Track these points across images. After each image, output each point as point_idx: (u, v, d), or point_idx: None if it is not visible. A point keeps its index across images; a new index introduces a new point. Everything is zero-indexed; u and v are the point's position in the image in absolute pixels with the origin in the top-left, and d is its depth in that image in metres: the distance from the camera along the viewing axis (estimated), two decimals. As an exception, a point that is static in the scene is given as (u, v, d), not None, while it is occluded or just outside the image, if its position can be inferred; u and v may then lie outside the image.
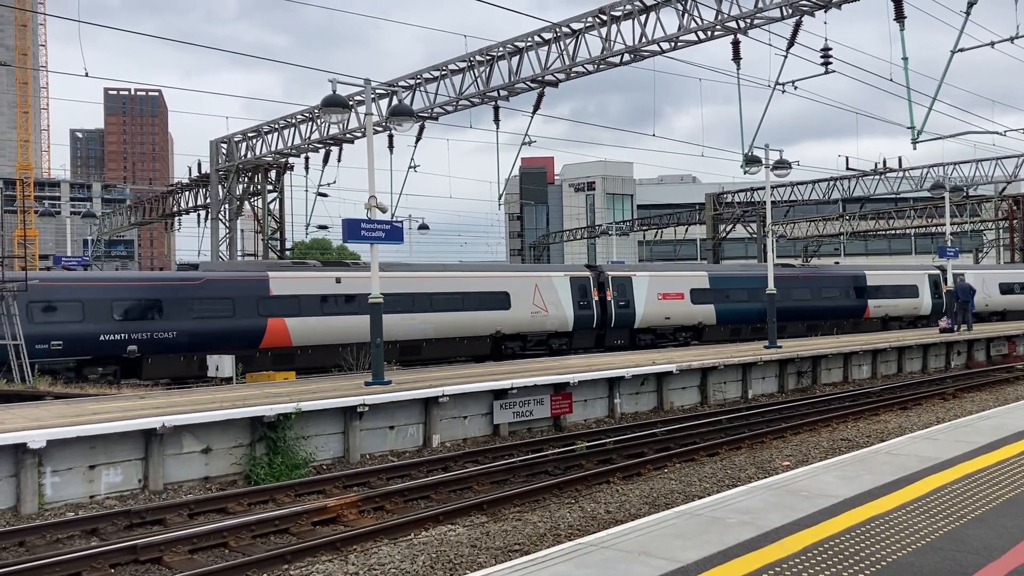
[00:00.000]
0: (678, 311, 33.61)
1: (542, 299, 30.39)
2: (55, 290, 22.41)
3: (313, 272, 26.79)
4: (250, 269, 27.43)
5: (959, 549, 5.72)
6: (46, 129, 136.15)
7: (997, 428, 10.79)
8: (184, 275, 25.31)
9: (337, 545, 9.39)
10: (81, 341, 22.07)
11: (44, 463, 11.37)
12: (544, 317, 30.38)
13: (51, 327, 21.80)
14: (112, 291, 23.15)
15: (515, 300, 29.77)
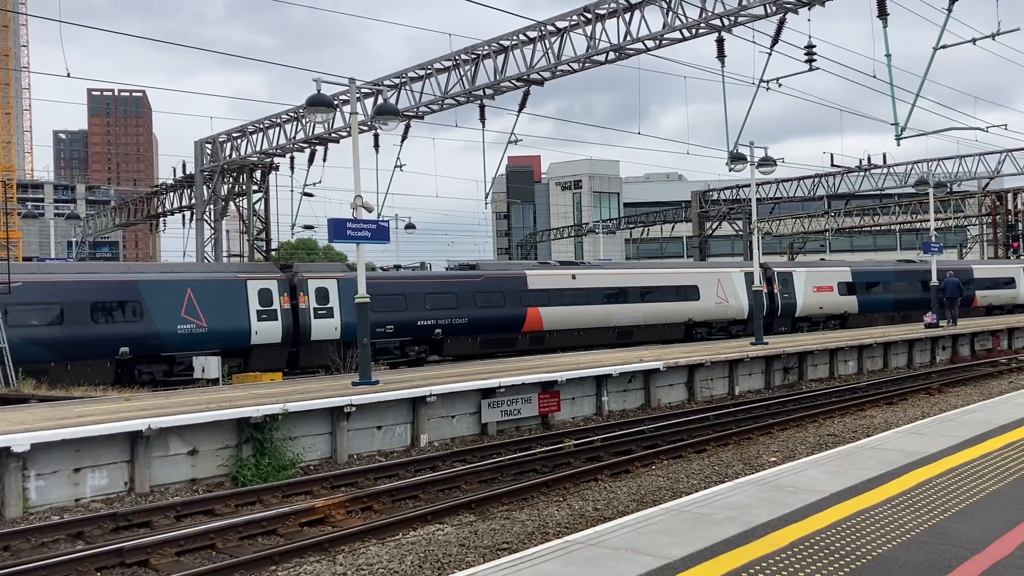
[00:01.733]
0: (829, 301, 38.60)
1: (724, 291, 35.25)
2: (385, 285, 27.27)
3: (557, 270, 32.47)
4: (513, 268, 32.38)
5: (944, 542, 5.76)
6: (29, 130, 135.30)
7: (981, 422, 10.87)
8: (470, 273, 30.49)
9: (325, 546, 9.37)
10: (406, 326, 27.44)
11: (28, 466, 11.29)
12: (725, 307, 35.17)
13: (384, 315, 26.51)
14: (425, 286, 28.46)
15: (703, 292, 34.64)
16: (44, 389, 19.58)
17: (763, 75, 22.87)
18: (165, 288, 23.64)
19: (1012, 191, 53.96)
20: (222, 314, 24.17)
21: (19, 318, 21.23)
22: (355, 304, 17.90)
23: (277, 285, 25.44)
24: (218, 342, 23.90)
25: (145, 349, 23.11)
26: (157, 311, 23.23)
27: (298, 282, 25.89)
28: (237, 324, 24.45)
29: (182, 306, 23.55)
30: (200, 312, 23.81)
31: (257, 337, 24.73)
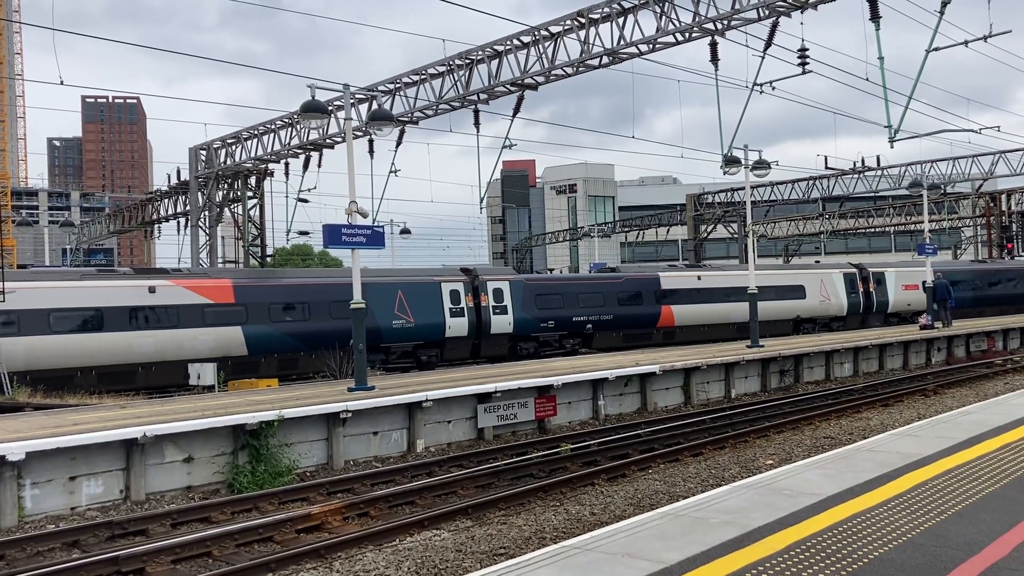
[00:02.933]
0: (915, 299, 40.93)
1: (826, 291, 38.60)
2: (548, 287, 31.73)
3: (685, 272, 35.83)
4: (647, 271, 35.73)
5: (940, 544, 5.76)
6: (23, 138, 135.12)
7: (977, 424, 10.88)
8: (613, 275, 34.42)
9: (321, 552, 9.35)
10: (564, 322, 31.11)
11: (23, 475, 11.26)
12: (827, 304, 38.62)
13: (546, 312, 30.61)
14: (578, 288, 32.20)
15: (809, 292, 37.95)
16: (39, 398, 19.53)
17: (756, 78, 23.00)
18: (383, 290, 27.30)
19: (1006, 192, 54.08)
20: (424, 311, 28.04)
21: (278, 315, 25.41)
22: (352, 309, 17.86)
23: (463, 286, 29.07)
24: (421, 335, 27.85)
25: (369, 341, 24.63)
26: (378, 309, 26.60)
27: (479, 284, 29.50)
28: (435, 320, 28.22)
29: (395, 305, 27.41)
30: (408, 310, 27.71)
31: (450, 331, 28.46)
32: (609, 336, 32.23)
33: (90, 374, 22.25)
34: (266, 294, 25.41)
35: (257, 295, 25.23)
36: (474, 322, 28.89)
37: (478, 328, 28.99)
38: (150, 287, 23.60)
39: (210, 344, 24.02)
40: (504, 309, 29.69)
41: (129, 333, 22.93)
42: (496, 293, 29.70)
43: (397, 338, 27.31)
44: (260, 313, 24.98)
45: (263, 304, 25.12)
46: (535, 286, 31.08)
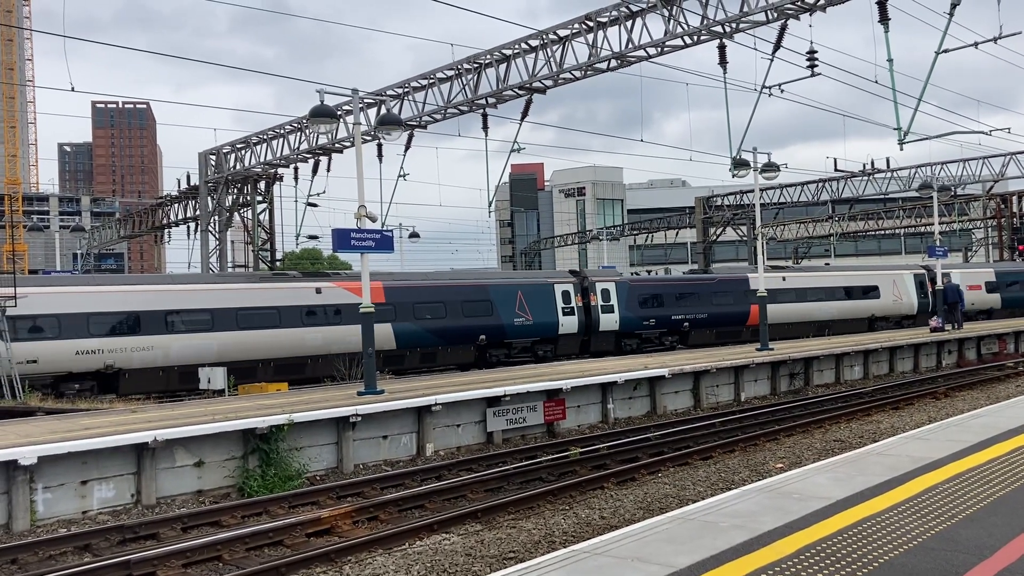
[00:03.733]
0: (979, 299, 43.43)
1: (898, 290, 40.78)
2: (652, 288, 34.18)
3: (770, 273, 36.47)
4: (737, 272, 38.31)
5: (951, 549, 5.74)
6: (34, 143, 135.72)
7: (987, 427, 10.84)
8: (707, 276, 36.76)
9: (331, 556, 9.37)
10: (664, 320, 33.32)
11: (36, 479, 11.32)
12: (899, 304, 40.80)
13: (648, 311, 33.06)
14: (676, 288, 34.42)
15: (883, 291, 40.12)
16: (50, 402, 19.63)
17: (765, 81, 22.91)
18: (505, 291, 30.11)
19: (1017, 194, 53.81)
20: (540, 310, 30.51)
21: (420, 313, 28.02)
22: (361, 314, 17.90)
23: (573, 287, 31.61)
24: (538, 332, 30.42)
25: (494, 337, 29.44)
26: (502, 309, 29.67)
27: (588, 285, 31.95)
28: (550, 318, 30.75)
29: (516, 305, 29.98)
30: (527, 309, 30.23)
31: (563, 328, 30.96)
32: (703, 333, 34.21)
33: (269, 366, 24.97)
34: (410, 295, 28.05)
35: (403, 295, 27.81)
36: (584, 320, 31.39)
37: (587, 326, 31.47)
38: (317, 288, 26.64)
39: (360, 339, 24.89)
40: (611, 308, 32.18)
41: (301, 329, 25.72)
42: (604, 293, 32.18)
43: (518, 335, 29.95)
44: (406, 312, 27.63)
45: (408, 304, 27.81)
46: (638, 287, 33.75)
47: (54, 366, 21.90)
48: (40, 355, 21.60)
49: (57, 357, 21.88)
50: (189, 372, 23.01)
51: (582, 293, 31.68)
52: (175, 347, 23.45)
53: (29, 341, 21.48)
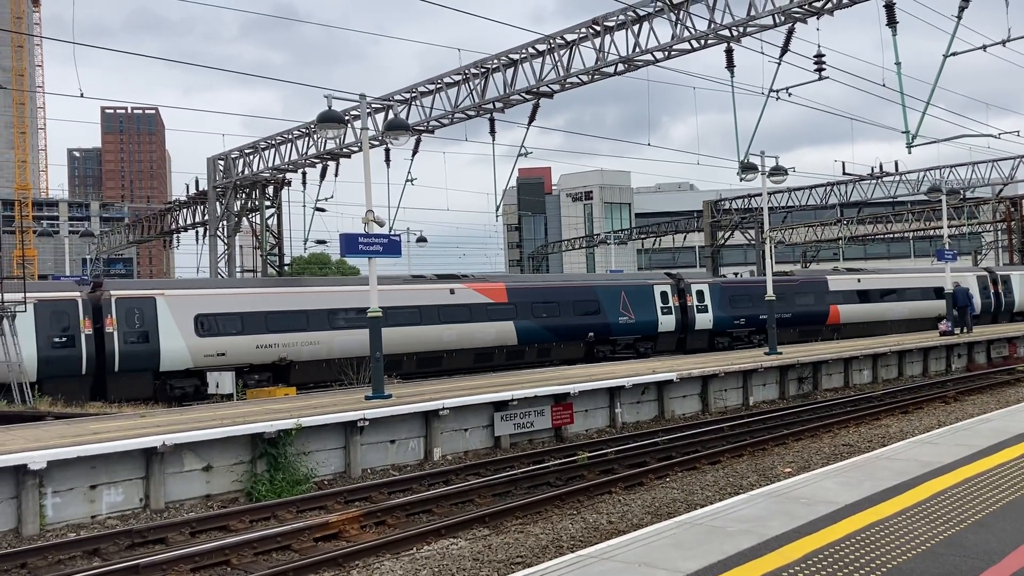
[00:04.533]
0: None
1: None
2: (741, 289, 36.38)
3: (847, 275, 39.80)
4: (816, 274, 40.54)
5: (959, 554, 5.72)
6: (43, 149, 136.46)
7: (997, 431, 10.80)
8: (789, 278, 37.81)
9: (339, 561, 9.38)
10: (752, 319, 35.10)
11: (45, 484, 11.36)
12: None
13: (738, 311, 35.38)
14: (760, 289, 33.10)
15: None
16: (59, 407, 19.70)
17: (772, 84, 22.89)
18: (611, 292, 32.44)
19: (1026, 197, 53.65)
20: (642, 310, 32.83)
21: (538, 312, 30.44)
22: (369, 318, 17.91)
23: (670, 288, 33.83)
24: (639, 330, 32.62)
25: (601, 334, 31.86)
26: (608, 308, 32.01)
27: (684, 286, 34.18)
28: (650, 317, 33.09)
29: (620, 304, 32.26)
30: (630, 308, 32.47)
31: (661, 327, 33.28)
32: (788, 332, 35.28)
33: (412, 359, 27.44)
34: (529, 295, 30.60)
35: (523, 296, 30.37)
36: (680, 319, 33.79)
37: (684, 324, 33.89)
38: (451, 289, 28.96)
39: (492, 335, 29.21)
40: (705, 308, 34.55)
41: (439, 327, 28.12)
42: (698, 294, 34.48)
43: (622, 332, 32.30)
44: (525, 311, 30.10)
45: (527, 303, 30.32)
46: (729, 288, 36.05)
47: (239, 358, 24.48)
48: (228, 349, 24.36)
49: (241, 351, 24.53)
50: (346, 364, 25.69)
51: (679, 294, 34.07)
52: (336, 342, 26.09)
53: (219, 336, 24.28)
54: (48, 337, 22.16)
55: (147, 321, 23.29)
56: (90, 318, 22.73)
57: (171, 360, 23.30)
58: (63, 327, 22.41)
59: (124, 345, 22.93)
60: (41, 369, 21.90)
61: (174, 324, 23.49)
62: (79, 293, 23.11)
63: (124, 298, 23.27)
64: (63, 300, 22.73)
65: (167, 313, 23.48)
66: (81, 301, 22.81)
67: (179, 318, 23.66)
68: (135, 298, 23.48)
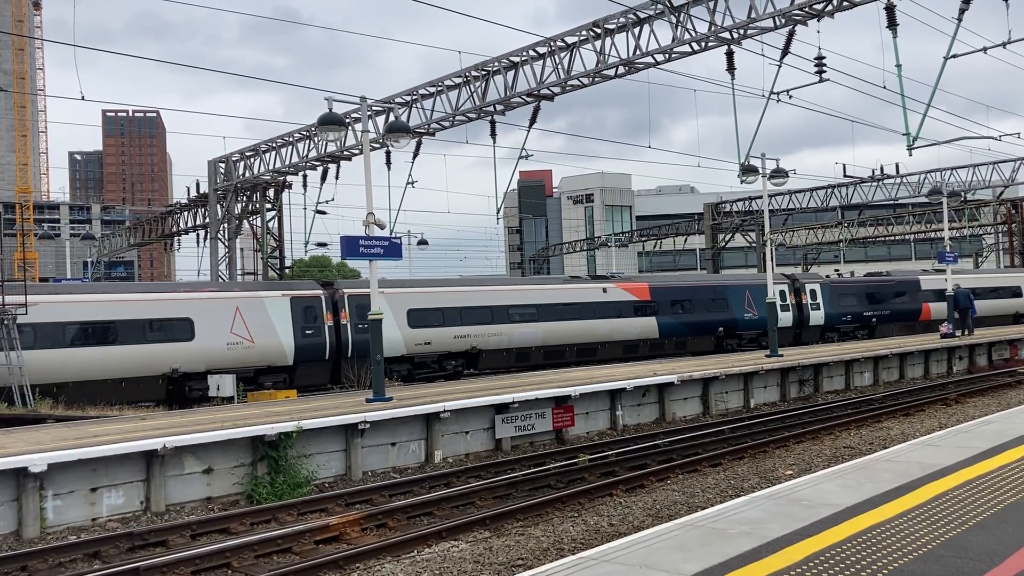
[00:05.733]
0: None
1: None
2: (848, 288, 39.22)
3: (935, 275, 41.95)
4: (910, 274, 43.43)
5: (961, 556, 5.72)
6: (45, 152, 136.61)
7: (998, 433, 10.79)
8: (888, 278, 41.62)
9: (340, 563, 9.37)
10: (857, 315, 38.71)
11: (45, 487, 11.36)
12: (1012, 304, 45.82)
13: (845, 308, 38.38)
14: (866, 288, 39.15)
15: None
16: (60, 409, 19.70)
17: (773, 87, 22.88)
18: (737, 291, 35.88)
19: (1027, 199, 53.63)
20: (763, 307, 33.23)
21: (676, 309, 33.68)
22: (369, 320, 17.90)
23: (787, 287, 36.83)
24: (761, 325, 33.94)
25: (729, 328, 35.11)
26: (734, 305, 35.45)
27: (799, 286, 37.28)
28: None
29: (745, 302, 35.56)
30: (754, 305, 35.37)
31: (780, 323, 34.10)
32: (887, 327, 39.13)
33: (572, 349, 30.84)
34: (669, 294, 33.61)
35: (664, 295, 33.42)
36: (796, 316, 36.67)
37: (799, 320, 36.82)
38: (603, 288, 32.17)
39: (638, 329, 32.49)
40: (818, 306, 37.62)
41: (593, 321, 31.27)
42: (811, 293, 37.48)
43: (747, 327, 35.49)
44: (666, 308, 33.34)
45: (667, 301, 33.46)
46: (838, 287, 38.93)
47: (440, 347, 28.04)
48: (432, 339, 27.86)
49: (442, 340, 28.06)
50: (524, 353, 29.77)
51: (794, 293, 37.05)
52: (516, 333, 29.63)
53: (425, 328, 27.73)
54: (301, 328, 25.54)
55: None
56: (331, 312, 26.22)
57: (390, 347, 25.67)
58: (312, 319, 25.83)
59: (355, 335, 26.26)
60: (296, 354, 25.30)
61: (392, 317, 26.40)
62: (322, 291, 26.62)
63: (354, 295, 26.66)
64: (311, 296, 26.24)
65: (386, 308, 25.72)
66: (323, 298, 26.33)
67: (395, 312, 26.91)
68: (362, 295, 26.16)
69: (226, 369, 23.53)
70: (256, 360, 24.61)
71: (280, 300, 25.41)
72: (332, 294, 26.68)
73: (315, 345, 25.73)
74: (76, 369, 21.97)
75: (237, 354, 24.21)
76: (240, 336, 24.27)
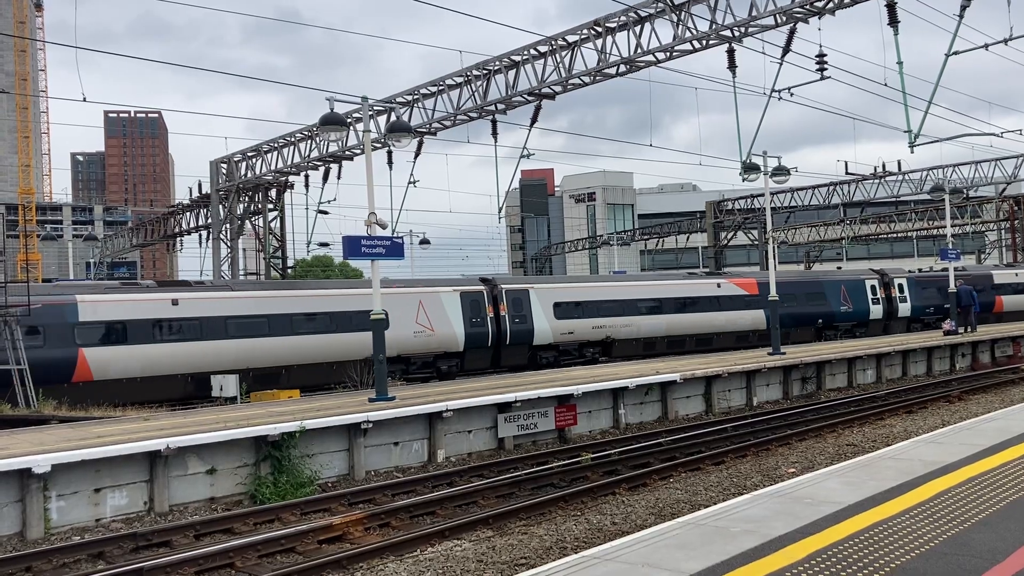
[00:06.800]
0: None
1: None
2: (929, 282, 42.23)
3: (1006, 270, 46.04)
4: (981, 269, 46.35)
5: (963, 553, 5.72)
6: (47, 153, 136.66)
7: (1001, 430, 10.78)
8: (964, 273, 41.08)
9: (343, 563, 9.39)
10: (938, 308, 39.97)
11: (49, 487, 11.38)
12: None
13: (927, 301, 41.97)
14: (941, 282, 38.60)
15: None
16: (64, 410, 19.74)
17: (774, 85, 22.88)
18: (834, 285, 38.76)
19: (1029, 195, 53.51)
20: (857, 300, 39.31)
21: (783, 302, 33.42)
22: (372, 320, 17.91)
23: (878, 282, 40.51)
24: (854, 317, 38.94)
25: (827, 320, 38.25)
26: (831, 299, 38.17)
27: (888, 280, 40.91)
28: (864, 307, 39.64)
29: (840, 296, 38.75)
30: (849, 299, 38.93)
31: (872, 314, 39.88)
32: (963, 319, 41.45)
33: (692, 340, 33.58)
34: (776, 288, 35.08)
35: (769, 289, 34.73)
36: (885, 308, 40.27)
37: (889, 312, 40.35)
38: (718, 284, 35.26)
39: (749, 321, 35.36)
40: (904, 299, 41.38)
41: (710, 314, 34.37)
42: (899, 287, 41.20)
43: (843, 319, 38.48)
44: None
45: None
46: (921, 281, 42.27)
47: (581, 336, 31.06)
48: (574, 329, 30.86)
49: (583, 330, 31.12)
50: (650, 342, 32.66)
51: (884, 287, 40.59)
52: (643, 325, 32.64)
53: (569, 320, 30.77)
54: (470, 319, 28.67)
55: (524, 307, 30.08)
56: (491, 305, 29.31)
57: (540, 336, 29.98)
58: (477, 311, 28.95)
59: (512, 325, 29.59)
60: (466, 342, 28.49)
61: (541, 310, 30.13)
62: (483, 287, 29.73)
63: (510, 290, 30.02)
64: (476, 291, 29.32)
65: (536, 302, 30.21)
66: (485, 292, 29.43)
67: (544, 305, 30.29)
68: (517, 290, 30.19)
69: (413, 355, 27.42)
70: (436, 347, 27.94)
71: (452, 295, 28.58)
72: (492, 289, 29.78)
73: (480, 334, 28.95)
74: (304, 353, 25.46)
75: (421, 341, 27.57)
76: (423, 326, 27.66)
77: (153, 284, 25.61)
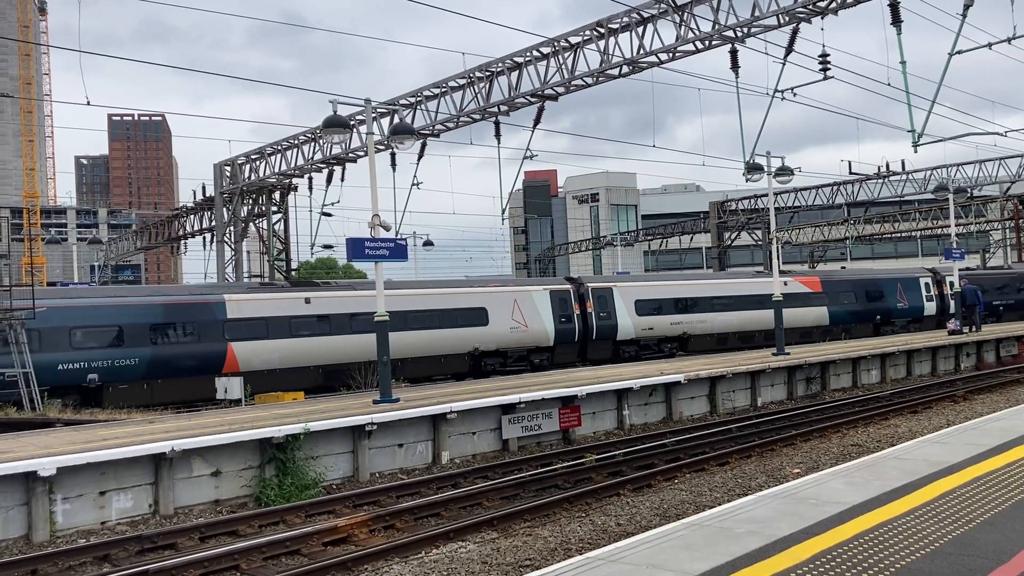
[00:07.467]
0: None
1: None
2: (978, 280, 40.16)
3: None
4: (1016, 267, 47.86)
5: (968, 553, 5.71)
6: (51, 157, 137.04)
7: (1006, 430, 10.76)
8: (1012, 272, 46.42)
9: (348, 565, 9.39)
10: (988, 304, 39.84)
11: (55, 490, 11.40)
12: None
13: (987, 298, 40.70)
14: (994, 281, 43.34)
15: None
16: (68, 413, 19.77)
17: (777, 85, 22.84)
18: (891, 284, 40.87)
19: (1034, 194, 53.38)
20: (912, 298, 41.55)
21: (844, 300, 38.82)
22: (376, 322, 17.91)
23: (931, 280, 42.60)
24: (910, 314, 41.15)
25: (885, 317, 40.53)
26: (888, 296, 40.52)
27: (940, 278, 42.24)
28: (919, 303, 41.81)
29: (897, 293, 40.58)
30: (905, 297, 41.35)
31: (926, 311, 41.75)
32: (1012, 314, 43.63)
33: (761, 335, 35.05)
34: (837, 286, 38.73)
35: (833, 287, 38.44)
36: (939, 305, 42.02)
37: (941, 309, 41.80)
38: (784, 282, 34.19)
39: (813, 317, 37.17)
40: (931, 297, 42.56)
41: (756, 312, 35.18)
42: (951, 284, 40.33)
43: (899, 315, 40.70)
44: (835, 299, 38.38)
45: (836, 292, 38.50)
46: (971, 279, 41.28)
47: (660, 332, 33.26)
48: (654, 325, 32.99)
49: (662, 327, 33.33)
50: (723, 337, 34.44)
51: (937, 284, 42.38)
52: (716, 321, 34.73)
53: (649, 316, 32.87)
54: (559, 316, 30.69)
55: (608, 305, 32.05)
56: (578, 302, 31.28)
57: (623, 332, 31.95)
58: (565, 309, 30.97)
59: (597, 321, 31.57)
60: (556, 337, 30.58)
61: (624, 307, 32.14)
62: (570, 285, 31.85)
63: (596, 289, 32.00)
64: (564, 290, 31.49)
65: (620, 299, 32.19)
66: (571, 291, 31.49)
67: (626, 302, 32.30)
68: (602, 288, 32.21)
69: (510, 349, 29.60)
70: (529, 342, 29.97)
71: (543, 293, 30.73)
72: (578, 288, 31.78)
73: (568, 330, 30.98)
74: (417, 346, 27.44)
75: (517, 336, 29.63)
76: (518, 322, 29.69)
77: (287, 284, 28.66)
